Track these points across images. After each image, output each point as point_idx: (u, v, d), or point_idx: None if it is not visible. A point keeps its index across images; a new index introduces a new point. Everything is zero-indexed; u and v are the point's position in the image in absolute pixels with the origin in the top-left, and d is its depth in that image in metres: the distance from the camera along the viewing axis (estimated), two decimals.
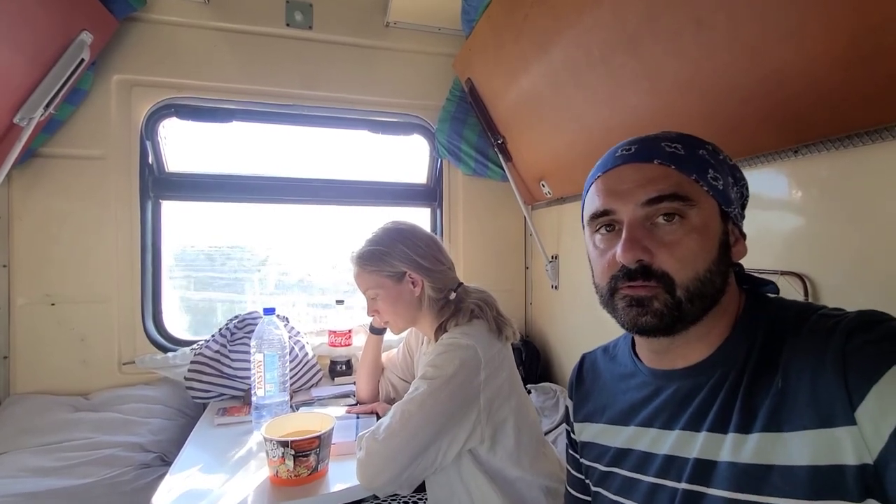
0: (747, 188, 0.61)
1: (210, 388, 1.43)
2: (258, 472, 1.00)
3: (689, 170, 0.54)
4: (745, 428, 0.48)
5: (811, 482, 0.43)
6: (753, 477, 0.46)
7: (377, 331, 1.33)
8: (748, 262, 0.91)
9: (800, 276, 0.87)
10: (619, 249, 0.53)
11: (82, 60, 1.30)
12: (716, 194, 0.54)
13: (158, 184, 1.67)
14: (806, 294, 0.86)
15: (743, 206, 0.61)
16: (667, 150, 0.55)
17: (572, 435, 0.74)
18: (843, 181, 0.82)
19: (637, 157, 0.56)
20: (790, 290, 0.88)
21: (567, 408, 0.76)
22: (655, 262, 0.52)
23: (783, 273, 0.89)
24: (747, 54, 0.82)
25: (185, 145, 1.76)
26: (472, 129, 1.85)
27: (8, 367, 1.49)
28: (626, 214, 0.54)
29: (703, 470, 0.51)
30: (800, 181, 0.90)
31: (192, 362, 1.44)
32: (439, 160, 1.94)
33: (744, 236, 0.59)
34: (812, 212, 0.88)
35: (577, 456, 0.72)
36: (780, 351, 0.49)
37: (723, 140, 0.97)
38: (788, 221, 0.92)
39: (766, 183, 0.96)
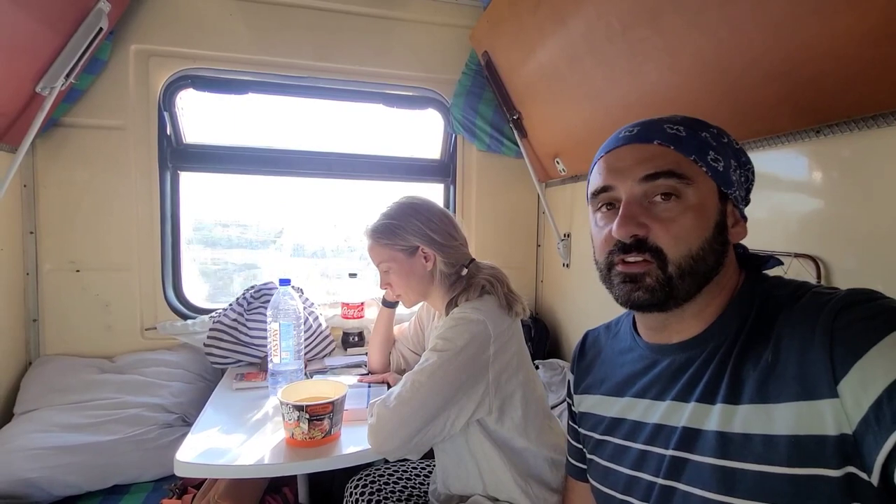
0: (753, 172, 0.61)
1: (228, 355, 1.48)
2: (274, 434, 1.04)
3: (689, 150, 0.55)
4: (732, 399, 0.50)
5: (792, 451, 0.45)
6: (737, 445, 0.49)
7: (389, 304, 1.36)
8: (761, 244, 0.92)
9: (813, 259, 0.87)
10: (614, 225, 0.55)
11: (101, 29, 1.31)
12: (715, 175, 0.55)
13: (176, 155, 1.69)
14: (819, 277, 0.86)
15: (748, 191, 0.61)
16: (668, 132, 0.56)
17: (572, 407, 0.77)
18: (865, 163, 0.80)
19: (638, 138, 0.57)
20: (803, 273, 0.87)
21: (569, 381, 0.79)
22: (651, 236, 0.54)
23: (797, 255, 0.89)
24: (772, 30, 0.79)
25: (202, 117, 1.78)
26: (487, 104, 1.82)
27: (37, 330, 1.56)
28: (625, 191, 0.56)
29: (690, 438, 0.53)
30: (820, 162, 0.88)
31: (210, 329, 1.49)
32: (453, 135, 1.93)
33: (744, 219, 0.59)
34: (830, 194, 0.87)
35: (576, 426, 0.75)
36: (771, 326, 0.51)
37: (741, 119, 0.96)
38: (805, 203, 0.91)
39: (784, 163, 0.94)
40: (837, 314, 0.45)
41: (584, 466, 0.73)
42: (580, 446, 0.75)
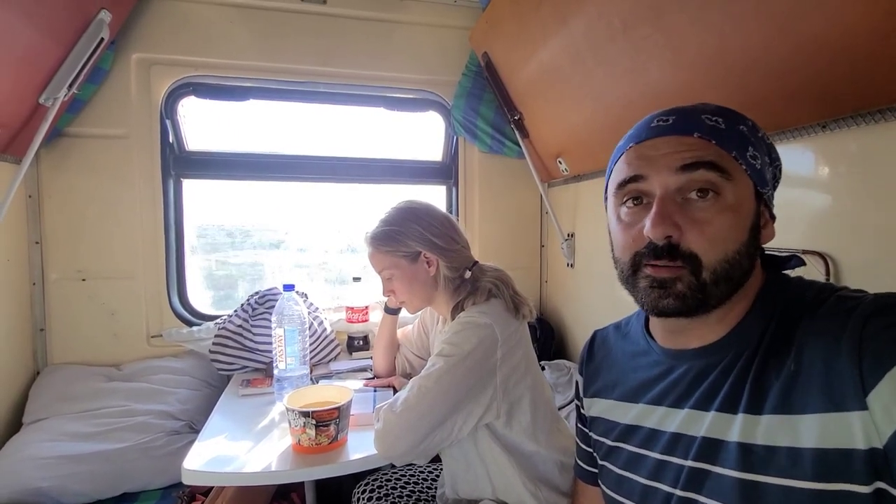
0: (780, 169, 0.58)
1: (234, 361, 1.48)
2: (281, 440, 1.04)
3: (730, 146, 0.51)
4: (755, 409, 0.48)
5: (818, 465, 0.43)
6: (760, 457, 0.46)
7: (392, 311, 1.35)
8: (769, 241, 0.90)
9: (822, 256, 0.85)
10: (647, 223, 0.51)
11: (102, 39, 1.31)
12: (753, 173, 0.52)
13: (179, 162, 1.70)
14: (827, 274, 0.85)
15: (774, 188, 0.58)
16: (707, 124, 0.52)
17: (581, 410, 0.75)
18: (873, 157, 0.79)
19: (675, 129, 0.53)
20: (811, 270, 0.86)
21: (577, 383, 0.77)
22: (684, 240, 0.50)
23: (805, 252, 0.87)
24: (776, 25, 0.78)
25: (204, 124, 1.78)
26: (488, 105, 1.82)
27: (45, 339, 1.57)
28: (659, 184, 0.52)
29: (711, 448, 0.51)
30: (827, 157, 0.87)
31: (216, 336, 1.50)
32: (455, 137, 1.92)
33: (773, 219, 0.56)
34: (838, 189, 0.86)
35: (586, 430, 0.73)
36: (794, 332, 0.48)
37: (747, 115, 0.94)
38: (813, 199, 0.90)
39: (790, 159, 0.92)
40: (866, 321, 0.43)
41: (595, 470, 0.72)
42: (590, 450, 0.73)
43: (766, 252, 0.59)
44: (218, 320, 1.59)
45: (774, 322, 0.51)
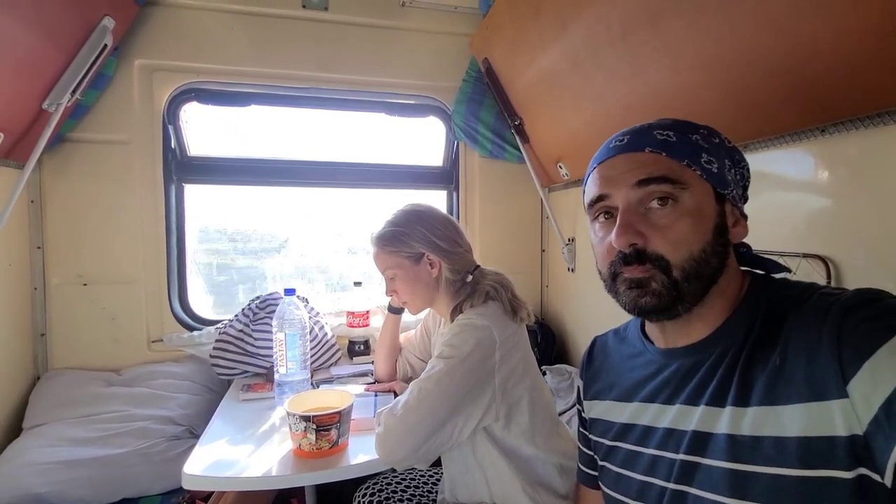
0: (748, 169, 0.61)
1: (234, 366, 1.48)
2: (282, 445, 1.04)
3: (681, 155, 0.55)
4: (741, 402, 0.50)
5: (802, 452, 0.44)
6: (747, 447, 0.48)
7: (395, 310, 1.36)
8: (770, 244, 0.91)
9: (822, 259, 0.86)
10: (613, 235, 0.56)
11: (105, 46, 1.32)
12: (710, 178, 0.55)
13: (181, 167, 1.70)
14: (829, 277, 0.85)
15: (745, 188, 0.61)
16: (658, 138, 0.56)
17: (582, 413, 0.76)
18: (872, 161, 0.80)
19: (629, 147, 0.58)
20: (813, 274, 0.86)
21: (578, 388, 0.78)
22: (650, 245, 0.54)
23: (805, 255, 0.88)
24: (773, 28, 0.79)
25: (206, 129, 1.79)
26: (488, 111, 1.83)
27: (45, 344, 1.57)
28: (621, 199, 0.56)
29: (700, 441, 0.53)
30: (826, 161, 0.87)
31: (216, 341, 1.49)
32: (455, 142, 1.93)
33: (744, 217, 0.59)
34: (838, 193, 0.86)
35: (587, 433, 0.75)
36: (779, 328, 0.50)
37: (745, 119, 0.95)
38: (813, 202, 0.90)
39: (790, 163, 0.94)
40: (845, 314, 0.45)
41: (596, 473, 0.73)
42: (591, 453, 0.74)
43: (762, 255, 0.62)
44: (219, 325, 1.59)
45: (760, 319, 0.53)
